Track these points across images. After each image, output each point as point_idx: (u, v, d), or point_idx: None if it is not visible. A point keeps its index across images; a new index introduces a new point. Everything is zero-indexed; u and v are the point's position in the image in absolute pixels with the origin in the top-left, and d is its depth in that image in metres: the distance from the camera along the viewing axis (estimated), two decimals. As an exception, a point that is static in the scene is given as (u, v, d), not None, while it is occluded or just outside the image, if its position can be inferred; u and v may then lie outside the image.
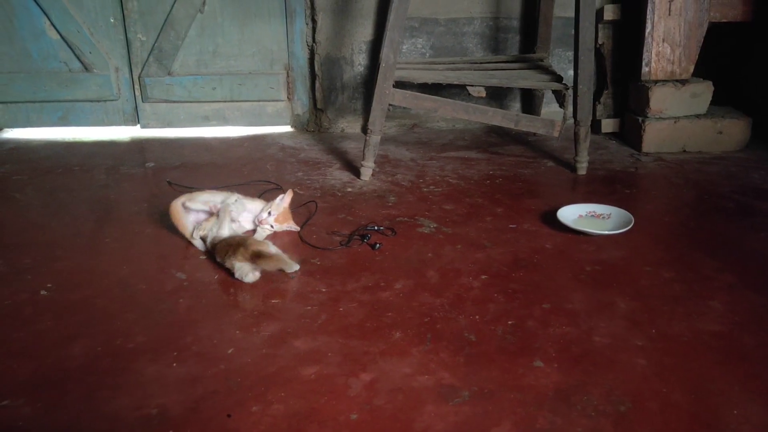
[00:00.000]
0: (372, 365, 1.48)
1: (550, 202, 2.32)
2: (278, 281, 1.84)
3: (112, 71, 3.07)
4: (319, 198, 2.40)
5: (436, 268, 1.90)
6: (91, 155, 2.91)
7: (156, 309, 1.72)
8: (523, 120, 2.55)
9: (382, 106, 2.49)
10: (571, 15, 2.95)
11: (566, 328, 1.60)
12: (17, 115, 3.12)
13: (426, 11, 3.05)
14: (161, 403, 1.36)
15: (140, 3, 2.97)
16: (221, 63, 3.10)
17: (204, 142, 3.10)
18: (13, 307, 1.72)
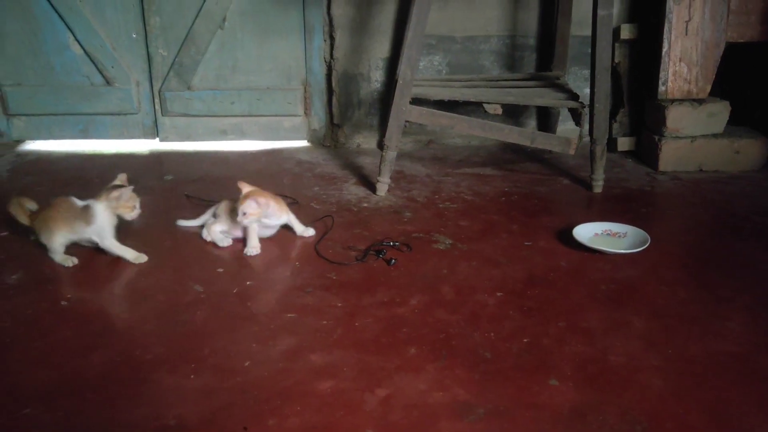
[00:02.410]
0: (387, 380, 1.48)
1: (565, 220, 2.32)
2: (294, 296, 1.85)
3: (133, 85, 3.12)
4: (336, 213, 2.42)
5: (451, 285, 1.91)
6: (110, 168, 2.95)
7: (174, 321, 1.74)
8: (539, 138, 2.56)
9: (398, 123, 2.51)
10: (588, 34, 2.96)
11: (582, 346, 1.60)
12: (40, 127, 3.18)
13: (443, 29, 3.07)
14: (179, 414, 1.37)
15: (162, 18, 3.02)
16: (240, 78, 3.14)
17: (222, 155, 3.14)
18: (34, 317, 1.74)
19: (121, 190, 1.98)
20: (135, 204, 2.02)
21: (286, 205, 2.20)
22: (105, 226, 1.99)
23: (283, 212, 2.16)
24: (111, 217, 2.00)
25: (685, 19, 2.77)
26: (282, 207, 2.16)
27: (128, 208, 2.00)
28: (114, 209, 1.99)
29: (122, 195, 1.98)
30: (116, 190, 1.98)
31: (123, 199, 1.98)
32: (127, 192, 1.98)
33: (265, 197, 2.07)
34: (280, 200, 2.17)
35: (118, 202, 1.98)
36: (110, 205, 1.99)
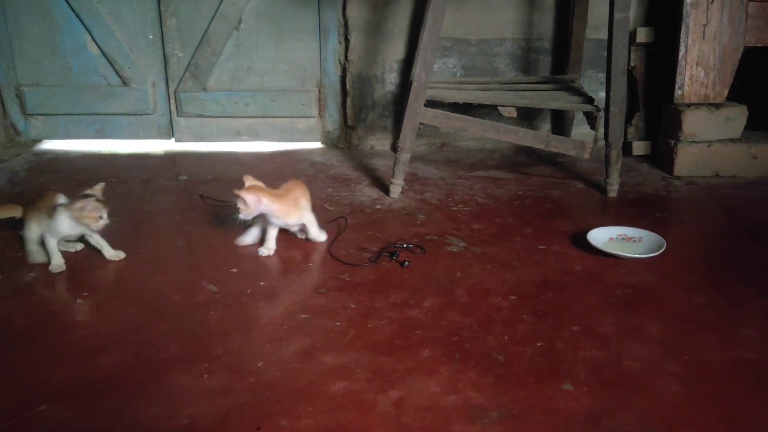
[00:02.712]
0: (400, 382, 1.48)
1: (580, 224, 2.31)
2: (308, 296, 1.85)
3: (149, 86, 3.14)
4: (349, 214, 2.42)
5: (464, 288, 1.90)
6: (126, 167, 2.98)
7: (188, 320, 1.74)
8: (554, 141, 2.55)
9: (412, 125, 2.51)
10: (604, 37, 2.96)
11: (596, 351, 1.59)
12: (57, 126, 3.21)
13: (458, 31, 3.07)
14: (193, 414, 1.37)
15: (179, 20, 3.04)
16: (255, 79, 3.16)
17: (235, 156, 3.15)
18: (50, 315, 1.76)
19: (85, 201, 1.94)
20: (100, 215, 1.97)
21: (303, 205, 2.12)
22: (56, 228, 1.97)
23: (293, 214, 2.08)
24: (69, 224, 1.97)
25: (703, 23, 2.75)
26: (292, 208, 2.08)
27: (92, 219, 1.96)
28: (77, 219, 1.96)
29: (85, 206, 1.94)
30: (81, 201, 1.95)
31: (86, 210, 1.94)
32: (90, 203, 1.94)
33: (259, 195, 1.99)
34: (293, 200, 2.09)
35: (80, 212, 1.94)
36: (73, 214, 1.95)
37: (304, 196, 2.13)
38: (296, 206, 2.10)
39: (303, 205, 2.12)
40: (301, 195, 2.12)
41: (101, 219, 1.98)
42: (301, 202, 2.12)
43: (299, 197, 2.11)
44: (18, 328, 1.70)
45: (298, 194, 2.11)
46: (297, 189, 2.13)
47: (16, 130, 3.18)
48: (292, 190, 2.10)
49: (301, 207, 2.11)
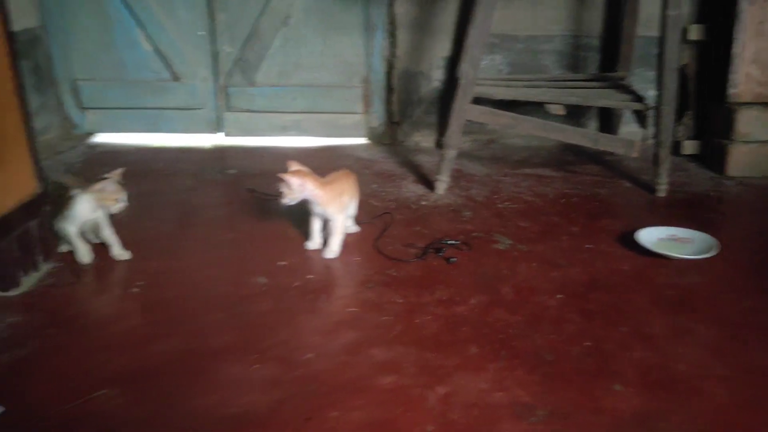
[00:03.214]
0: (448, 378, 1.49)
1: (627, 224, 2.29)
2: (355, 290, 1.88)
3: (199, 81, 3.21)
4: (394, 210, 2.44)
5: (511, 285, 1.91)
6: (176, 161, 3.05)
7: (238, 311, 1.79)
8: (602, 139, 2.53)
9: (459, 122, 2.51)
10: (654, 34, 2.90)
11: (645, 352, 1.58)
12: (110, 120, 3.30)
13: (505, 28, 3.05)
14: (245, 403, 1.41)
15: (228, 16, 3.09)
16: (302, 75, 3.19)
17: (281, 151, 3.19)
18: (107, 303, 1.83)
19: (104, 182, 1.97)
20: (119, 197, 1.99)
21: (345, 200, 2.09)
22: (75, 213, 1.98)
23: (335, 203, 2.04)
24: (89, 208, 1.99)
25: (759, 20, 2.68)
26: (335, 197, 2.04)
27: (111, 201, 1.98)
28: (98, 200, 1.98)
29: (105, 187, 1.97)
30: (101, 183, 1.97)
31: (106, 190, 1.97)
32: (110, 184, 1.97)
33: (304, 179, 1.98)
34: (338, 191, 2.07)
35: (101, 193, 1.97)
36: (94, 196, 1.98)
37: (348, 191, 2.13)
38: (339, 197, 2.07)
39: (345, 200, 2.10)
40: (347, 188, 2.12)
41: (119, 201, 2.00)
42: (344, 197, 2.09)
43: (344, 190, 2.10)
44: (76, 315, 1.77)
45: (345, 187, 2.12)
46: (344, 181, 2.13)
47: (71, 123, 3.28)
48: (338, 181, 2.11)
49: (342, 200, 2.09)
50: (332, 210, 2.05)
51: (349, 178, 2.17)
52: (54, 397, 1.43)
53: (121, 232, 2.14)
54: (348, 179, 2.16)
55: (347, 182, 2.15)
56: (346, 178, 2.15)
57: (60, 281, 1.93)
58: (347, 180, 2.15)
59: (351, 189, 2.16)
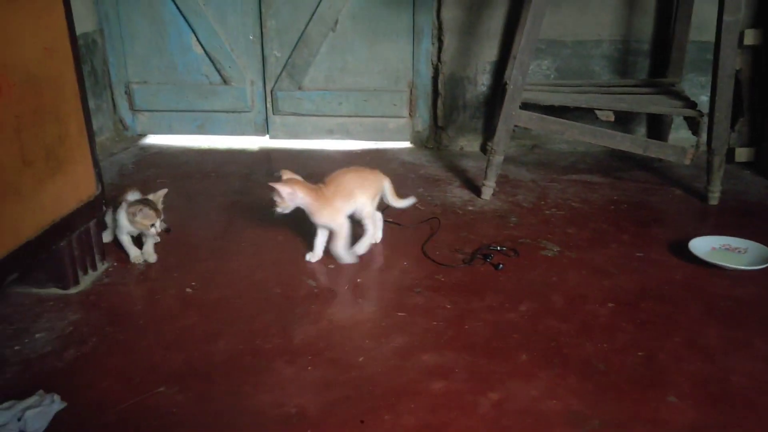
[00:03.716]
0: (499, 385, 1.50)
1: (678, 232, 2.25)
2: (404, 295, 1.89)
3: (247, 85, 3.26)
4: (441, 215, 2.44)
5: (560, 293, 1.90)
6: (224, 163, 3.10)
7: (290, 313, 1.82)
8: (653, 146, 2.49)
9: (507, 127, 2.51)
10: (707, 39, 2.86)
11: (701, 364, 1.56)
12: (161, 122, 3.38)
13: (553, 33, 3.03)
14: (299, 404, 1.44)
15: (278, 22, 3.14)
16: (348, 79, 3.22)
17: (327, 154, 3.23)
18: (163, 302, 1.87)
19: (137, 207, 2.02)
20: (152, 223, 2.04)
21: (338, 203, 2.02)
22: (119, 222, 2.07)
23: (324, 212, 2.00)
24: (127, 223, 2.06)
25: (818, 25, 2.61)
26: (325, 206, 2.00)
27: (143, 226, 2.04)
28: (130, 222, 2.05)
29: (136, 212, 2.02)
30: (136, 206, 2.02)
31: (137, 216, 2.02)
32: (143, 212, 2.02)
33: (294, 188, 1.96)
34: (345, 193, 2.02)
35: (133, 217, 2.03)
36: (128, 217, 2.04)
37: (352, 190, 2.04)
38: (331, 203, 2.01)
39: (340, 204, 2.02)
40: (348, 189, 2.03)
41: (153, 227, 2.05)
42: (339, 200, 2.02)
43: (342, 192, 2.03)
44: (134, 314, 1.82)
45: (344, 188, 2.03)
46: (345, 181, 2.04)
47: (124, 124, 3.37)
48: (335, 183, 2.03)
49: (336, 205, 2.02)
50: (325, 217, 2.02)
51: (356, 175, 2.08)
52: (114, 393, 1.48)
53: (172, 234, 2.19)
54: (352, 177, 2.06)
55: (351, 181, 2.05)
56: (350, 176, 2.07)
57: (117, 280, 1.98)
58: (351, 179, 2.06)
59: (359, 187, 2.06)
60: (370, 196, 2.08)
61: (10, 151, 1.59)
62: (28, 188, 1.66)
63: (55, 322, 1.75)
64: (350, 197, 2.05)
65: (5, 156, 1.57)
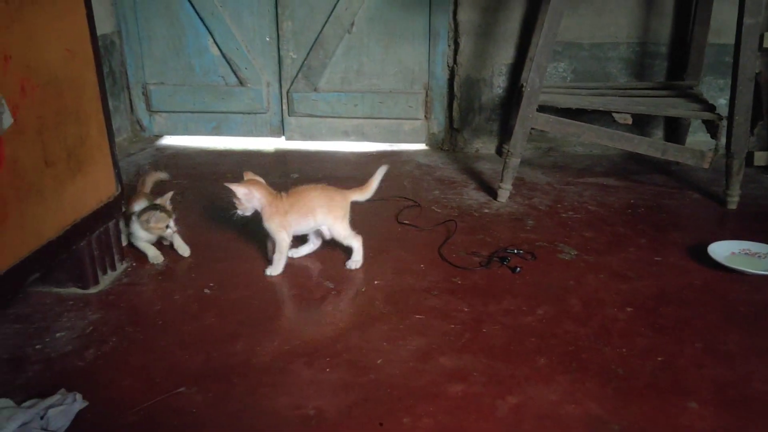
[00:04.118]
0: (517, 389, 1.49)
1: (697, 236, 2.24)
2: (421, 297, 1.89)
3: (263, 86, 3.28)
4: (457, 217, 2.44)
5: (578, 297, 1.89)
6: (240, 164, 3.11)
7: (308, 314, 1.82)
8: (671, 149, 2.48)
9: (524, 130, 2.50)
10: (726, 42, 2.84)
11: (721, 370, 1.55)
12: (177, 123, 3.40)
13: (570, 35, 3.02)
14: (318, 405, 1.44)
15: (294, 23, 3.15)
16: (364, 81, 3.23)
17: (342, 156, 3.23)
18: (181, 303, 1.88)
19: (149, 214, 2.05)
20: (166, 224, 2.07)
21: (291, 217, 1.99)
22: (135, 233, 2.11)
23: (274, 220, 1.98)
24: (143, 232, 2.10)
25: (839, 28, 2.59)
26: (276, 215, 1.98)
27: (159, 229, 2.07)
28: (146, 230, 2.08)
29: (149, 219, 2.05)
30: (146, 213, 2.05)
31: (151, 222, 2.06)
32: (154, 217, 2.05)
33: (252, 189, 1.97)
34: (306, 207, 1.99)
35: (147, 224, 2.06)
36: (143, 227, 2.08)
37: (311, 209, 2.00)
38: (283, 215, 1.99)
39: (291, 219, 2.00)
40: (308, 206, 2.00)
41: (168, 228, 2.08)
42: (318, 213, 2.00)
43: (315, 208, 2.00)
44: (153, 314, 1.83)
45: (303, 205, 2.00)
46: (306, 197, 2.00)
47: (141, 125, 3.40)
48: (297, 196, 2.01)
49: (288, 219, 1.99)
50: (273, 226, 1.99)
51: (323, 194, 2.03)
52: (134, 392, 1.49)
53: (189, 235, 2.21)
54: (317, 196, 2.02)
55: (314, 200, 2.01)
56: (315, 194, 2.02)
57: (135, 280, 2.00)
58: (315, 197, 2.02)
59: (322, 207, 2.01)
60: (337, 218, 2.02)
61: (33, 152, 1.61)
62: (50, 189, 1.68)
63: (75, 321, 1.77)
64: (308, 215, 2.01)
65: (28, 157, 1.59)
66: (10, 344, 1.66)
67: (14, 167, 1.53)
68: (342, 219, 2.04)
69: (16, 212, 1.54)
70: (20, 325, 1.75)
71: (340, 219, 2.04)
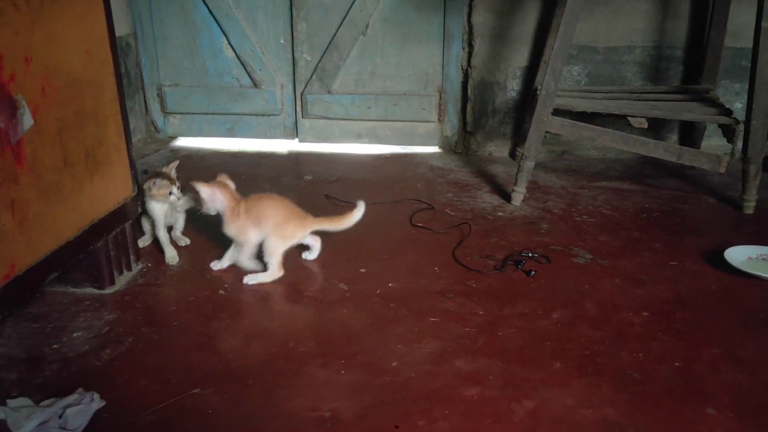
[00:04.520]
0: (533, 393, 1.49)
1: (713, 241, 2.22)
2: (436, 300, 1.89)
3: (278, 88, 3.29)
4: (471, 220, 2.43)
5: (593, 301, 1.88)
6: (254, 165, 3.13)
7: (323, 316, 1.83)
8: (687, 154, 2.47)
9: (539, 133, 2.49)
10: (743, 45, 2.83)
11: (739, 376, 1.54)
12: (192, 125, 3.41)
13: (585, 39, 3.02)
14: (333, 408, 1.44)
15: (309, 25, 3.16)
16: (378, 83, 3.23)
17: (356, 158, 3.24)
18: (196, 304, 1.89)
19: (150, 183, 2.05)
20: (169, 190, 2.05)
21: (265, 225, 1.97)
22: (152, 213, 2.11)
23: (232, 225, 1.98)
24: (157, 206, 2.08)
25: None
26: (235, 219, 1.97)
27: (162, 195, 2.05)
28: (152, 198, 2.07)
29: (152, 185, 2.04)
30: (149, 181, 2.05)
31: (155, 187, 2.05)
32: (157, 182, 2.04)
33: (216, 190, 1.97)
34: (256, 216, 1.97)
35: (150, 192, 2.05)
36: (147, 194, 2.06)
37: (273, 218, 1.97)
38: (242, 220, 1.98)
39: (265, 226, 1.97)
40: (270, 216, 1.97)
41: (171, 194, 2.07)
42: (265, 222, 1.97)
43: (266, 217, 1.97)
44: (168, 314, 1.84)
45: (269, 214, 1.98)
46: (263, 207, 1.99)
47: (155, 127, 3.42)
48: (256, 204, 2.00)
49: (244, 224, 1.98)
50: (229, 230, 2.00)
51: (277, 206, 2.01)
52: (151, 392, 1.50)
53: (204, 236, 2.22)
54: (269, 206, 2.00)
55: (266, 209, 1.99)
56: (269, 203, 2.02)
57: (151, 281, 2.01)
58: (269, 206, 2.00)
59: (269, 218, 1.97)
60: (276, 234, 1.98)
61: (53, 152, 1.62)
62: (69, 189, 1.69)
63: (91, 321, 1.78)
64: (258, 223, 1.98)
65: (48, 157, 1.60)
66: (28, 343, 1.68)
67: (34, 167, 1.54)
68: (281, 238, 1.98)
69: (35, 212, 1.56)
70: (37, 325, 1.76)
71: (279, 237, 1.98)
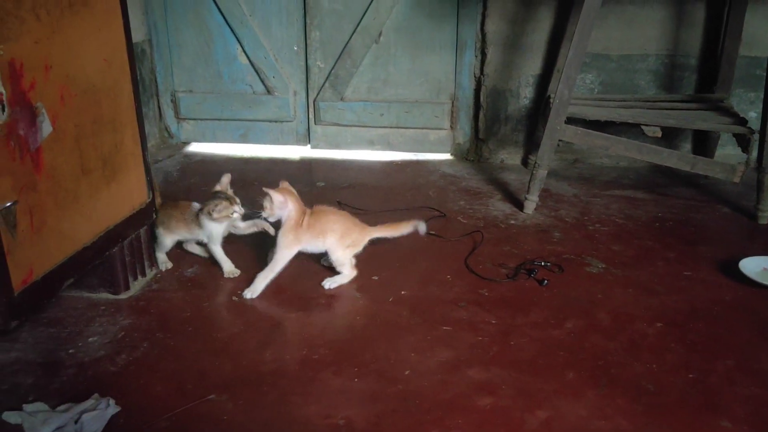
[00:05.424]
0: (546, 403, 1.49)
1: (727, 251, 2.21)
2: (448, 309, 1.89)
3: (291, 95, 3.30)
4: (483, 228, 2.44)
5: (607, 311, 1.88)
6: (267, 171, 3.14)
7: (335, 324, 1.83)
8: (701, 163, 2.46)
9: (552, 141, 2.49)
10: (758, 54, 2.83)
11: (755, 389, 1.53)
12: (205, 131, 3.44)
13: (598, 47, 3.01)
14: (347, 415, 1.45)
15: (322, 33, 3.18)
16: (390, 91, 3.24)
17: (367, 164, 3.25)
18: (210, 310, 1.90)
19: (214, 203, 2.02)
20: (231, 211, 2.04)
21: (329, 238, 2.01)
22: (211, 233, 2.08)
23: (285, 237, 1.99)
24: (216, 226, 2.06)
25: None
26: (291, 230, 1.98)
27: (228, 217, 2.04)
28: (216, 220, 2.04)
29: (216, 206, 2.02)
30: (211, 203, 2.03)
31: (219, 209, 2.02)
32: (220, 203, 2.02)
33: (287, 197, 1.98)
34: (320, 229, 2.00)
35: (215, 214, 2.02)
36: (209, 218, 2.04)
37: (337, 231, 2.01)
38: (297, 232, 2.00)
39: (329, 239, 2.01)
40: (334, 230, 2.01)
41: (235, 212, 2.05)
42: (330, 236, 2.01)
43: (331, 231, 2.01)
44: (182, 321, 1.85)
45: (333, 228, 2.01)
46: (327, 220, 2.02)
47: (169, 132, 3.44)
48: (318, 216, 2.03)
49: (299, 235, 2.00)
50: (284, 239, 1.99)
51: (339, 220, 2.04)
52: (166, 398, 1.51)
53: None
54: (333, 220, 2.03)
55: (328, 223, 2.02)
56: (332, 218, 2.05)
57: (165, 287, 2.02)
58: (330, 220, 2.03)
59: (329, 231, 2.01)
60: (342, 246, 2.02)
61: (71, 159, 1.64)
62: (86, 196, 1.71)
63: (107, 326, 1.79)
64: (320, 237, 2.01)
65: (66, 164, 1.62)
66: (44, 348, 1.69)
67: (53, 174, 1.56)
68: (346, 248, 2.02)
69: (53, 218, 1.57)
70: (53, 329, 1.78)
71: (344, 248, 2.02)
